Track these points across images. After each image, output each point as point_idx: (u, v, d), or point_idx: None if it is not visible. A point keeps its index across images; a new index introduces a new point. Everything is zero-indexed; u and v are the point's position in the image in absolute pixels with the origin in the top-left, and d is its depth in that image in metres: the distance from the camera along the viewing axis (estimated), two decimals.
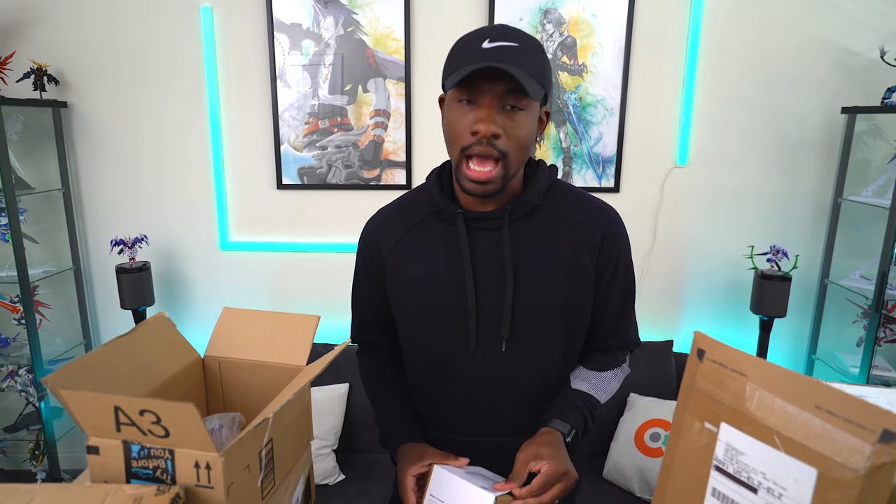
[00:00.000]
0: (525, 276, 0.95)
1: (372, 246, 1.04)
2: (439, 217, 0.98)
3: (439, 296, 0.97)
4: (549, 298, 0.95)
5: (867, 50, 2.14)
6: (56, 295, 2.47)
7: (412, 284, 0.99)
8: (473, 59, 0.83)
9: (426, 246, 0.99)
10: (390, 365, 1.13)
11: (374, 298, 1.07)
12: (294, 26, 2.21)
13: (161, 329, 0.92)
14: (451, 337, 0.98)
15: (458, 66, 0.85)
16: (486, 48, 0.83)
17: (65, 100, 2.30)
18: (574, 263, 0.96)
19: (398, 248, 1.00)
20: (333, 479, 2.06)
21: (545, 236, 0.96)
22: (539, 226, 0.96)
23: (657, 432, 2.01)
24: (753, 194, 2.31)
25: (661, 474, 0.69)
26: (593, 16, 2.16)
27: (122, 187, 2.39)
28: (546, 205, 0.98)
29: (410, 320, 1.02)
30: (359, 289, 1.10)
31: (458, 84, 0.83)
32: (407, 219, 1.02)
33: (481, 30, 0.86)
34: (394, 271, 1.01)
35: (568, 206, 0.98)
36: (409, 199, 1.05)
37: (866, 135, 2.23)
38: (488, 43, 0.83)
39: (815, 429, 0.53)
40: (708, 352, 0.65)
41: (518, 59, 0.83)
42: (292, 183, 2.35)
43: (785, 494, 0.54)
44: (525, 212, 0.96)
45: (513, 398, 0.99)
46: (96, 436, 0.68)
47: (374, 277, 1.05)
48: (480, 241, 0.95)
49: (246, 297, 2.46)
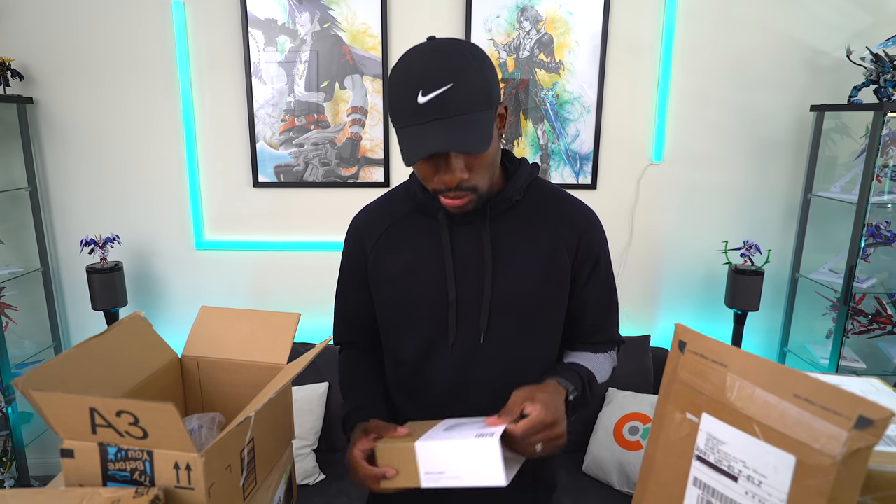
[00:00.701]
0: (504, 270, 0.96)
1: (356, 241, 1.05)
2: (422, 212, 1.00)
3: (420, 289, 0.98)
4: (526, 292, 0.97)
5: (834, 49, 2.20)
6: (23, 296, 2.39)
7: (394, 278, 1.00)
8: (415, 118, 0.82)
9: (408, 240, 1.00)
10: (367, 361, 1.13)
11: (357, 295, 1.08)
12: (269, 22, 2.18)
13: (137, 329, 0.90)
14: (432, 330, 0.99)
15: (401, 121, 0.84)
16: (423, 103, 0.81)
17: (30, 95, 2.23)
18: (551, 259, 0.98)
19: (380, 243, 1.02)
20: (314, 478, 2.04)
21: (524, 232, 0.98)
22: (518, 222, 0.98)
23: (636, 426, 2.03)
24: (727, 190, 2.36)
25: (644, 465, 0.69)
26: (570, 13, 2.18)
27: (92, 186, 2.33)
28: (526, 201, 1.00)
29: (392, 314, 1.03)
30: (344, 285, 1.11)
31: None
32: (390, 214, 1.03)
33: (410, 70, 0.83)
34: (376, 265, 1.02)
35: (548, 204, 1.01)
36: (393, 196, 1.07)
37: (834, 132, 2.29)
38: (422, 97, 0.81)
39: (794, 417, 0.54)
40: (689, 343, 0.66)
41: (456, 106, 0.81)
42: (269, 181, 2.32)
43: (764, 482, 0.56)
44: (505, 208, 0.98)
45: (489, 391, 1.00)
46: (71, 438, 0.66)
47: (359, 273, 1.05)
48: (461, 236, 0.97)
49: (223, 298, 2.42)
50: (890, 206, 2.17)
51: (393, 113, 0.86)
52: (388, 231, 1.02)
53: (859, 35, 2.18)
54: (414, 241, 1.00)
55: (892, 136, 2.11)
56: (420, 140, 0.82)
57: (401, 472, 0.86)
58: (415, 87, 0.82)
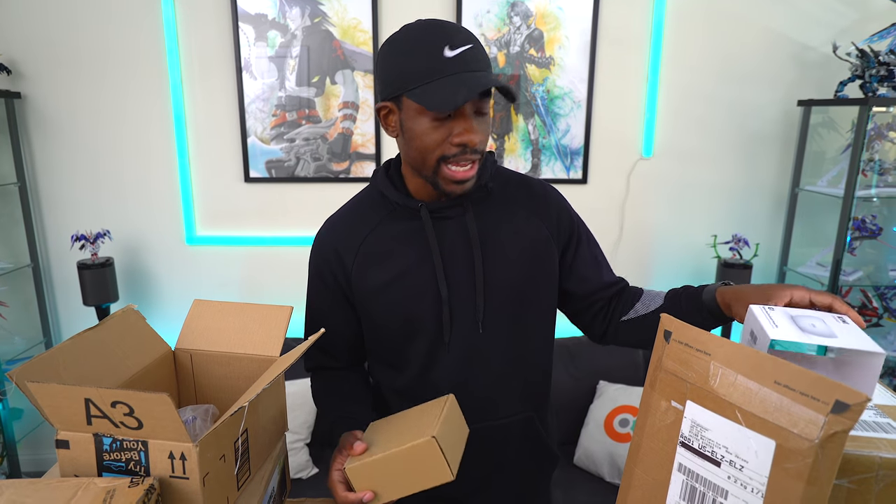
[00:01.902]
0: (492, 256, 0.97)
1: (330, 258, 0.99)
2: (398, 216, 0.98)
3: (412, 292, 0.96)
4: (518, 275, 0.98)
5: (821, 45, 2.23)
6: (13, 292, 2.38)
7: (382, 287, 0.97)
8: (444, 70, 0.82)
9: (392, 246, 0.97)
10: (346, 377, 1.08)
11: (336, 316, 1.02)
12: (259, 17, 2.17)
13: (130, 322, 0.91)
14: (428, 332, 0.98)
15: (425, 79, 0.83)
16: (451, 57, 0.82)
17: (18, 90, 2.21)
18: (535, 239, 1.00)
19: (361, 254, 0.98)
20: (307, 472, 2.05)
21: (503, 216, 0.99)
22: (495, 208, 1.00)
23: (626, 418, 2.06)
24: (716, 185, 2.38)
25: (630, 453, 0.71)
26: (560, 9, 2.18)
27: (82, 181, 2.32)
28: (496, 188, 1.01)
29: (385, 324, 1.00)
30: (316, 311, 1.04)
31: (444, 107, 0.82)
32: (364, 223, 0.99)
33: (434, 31, 0.84)
34: (361, 278, 0.98)
35: (513, 187, 1.03)
36: (359, 205, 1.03)
37: (821, 127, 2.32)
38: (450, 51, 0.82)
39: (774, 403, 0.56)
40: (674, 333, 0.68)
41: (478, 62, 0.84)
42: (260, 176, 2.31)
43: (746, 466, 0.57)
44: (482, 196, 0.99)
45: (488, 380, 1.00)
46: (66, 429, 0.67)
47: (336, 290, 1.01)
48: (445, 230, 0.97)
49: (214, 292, 2.41)
50: (875, 200, 2.21)
51: (409, 73, 0.84)
52: (366, 240, 0.98)
53: (845, 31, 2.21)
54: (397, 245, 0.97)
55: (877, 131, 2.14)
56: (459, 84, 0.81)
57: (382, 489, 0.81)
58: (441, 42, 0.83)
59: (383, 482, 0.80)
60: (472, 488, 1.04)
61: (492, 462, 1.04)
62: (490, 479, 1.05)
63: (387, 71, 0.88)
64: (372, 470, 0.80)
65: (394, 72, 0.87)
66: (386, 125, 0.92)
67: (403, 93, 0.86)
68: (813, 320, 0.71)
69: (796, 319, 0.71)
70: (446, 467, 0.76)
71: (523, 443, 1.06)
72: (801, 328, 0.69)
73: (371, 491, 0.80)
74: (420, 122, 0.86)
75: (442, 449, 0.75)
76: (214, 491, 0.69)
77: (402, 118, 0.89)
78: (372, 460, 0.79)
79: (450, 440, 0.80)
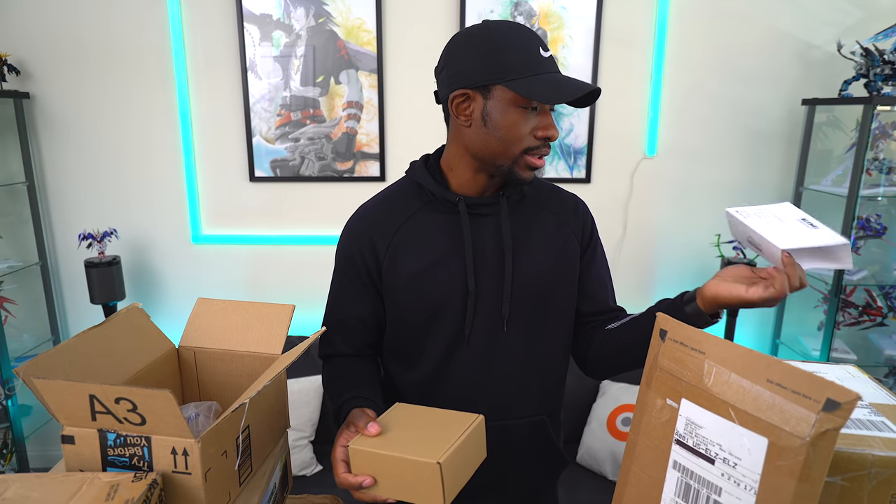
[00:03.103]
0: (522, 257, 0.99)
1: (363, 244, 1.00)
2: (434, 207, 1.00)
3: (441, 283, 0.97)
4: (543, 277, 1.00)
5: (825, 43, 2.22)
6: (22, 290, 2.41)
7: (413, 276, 0.98)
8: (542, 67, 0.89)
9: (425, 237, 0.98)
10: (359, 363, 1.08)
11: (362, 304, 1.03)
12: (264, 17, 2.19)
13: (135, 319, 0.92)
14: (449, 323, 0.98)
15: (524, 73, 0.88)
16: (546, 58, 0.90)
17: (26, 90, 2.24)
18: (563, 245, 1.03)
19: (395, 242, 0.99)
20: (311, 469, 2.07)
21: (535, 219, 1.02)
22: (528, 210, 1.03)
23: (628, 417, 2.06)
24: (720, 184, 2.37)
25: (626, 451, 0.72)
26: (563, 8, 2.19)
27: (89, 180, 2.34)
28: (529, 193, 1.05)
29: (410, 311, 1.00)
30: (340, 297, 1.05)
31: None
32: (399, 212, 1.00)
33: (524, 32, 0.91)
34: (392, 265, 0.99)
35: (543, 192, 1.07)
36: (395, 194, 1.04)
37: (825, 126, 2.31)
38: (544, 52, 0.90)
39: (767, 401, 0.56)
40: (670, 332, 0.69)
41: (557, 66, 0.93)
42: (265, 175, 2.33)
43: (739, 464, 0.58)
44: (517, 198, 1.02)
45: (504, 380, 1.01)
46: (71, 425, 0.69)
47: (365, 276, 1.01)
48: (479, 227, 0.99)
49: (220, 291, 2.43)
50: (880, 199, 2.20)
51: (508, 65, 0.88)
52: (401, 229, 0.99)
53: (850, 29, 2.20)
54: (431, 236, 0.98)
55: (881, 130, 2.13)
56: (558, 82, 0.89)
57: (379, 481, 0.79)
58: (535, 43, 0.90)
59: (380, 476, 0.79)
60: (480, 488, 1.04)
61: (500, 463, 1.04)
62: (498, 479, 1.05)
63: (475, 61, 0.90)
64: (373, 461, 0.78)
65: (488, 62, 0.89)
66: (457, 113, 0.93)
67: (500, 82, 0.88)
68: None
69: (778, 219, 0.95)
70: (440, 495, 0.74)
71: (533, 445, 1.07)
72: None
73: (371, 477, 0.79)
74: (510, 113, 0.90)
75: (443, 477, 0.73)
76: (216, 486, 0.71)
77: (488, 108, 0.91)
78: (375, 453, 0.78)
79: (457, 467, 0.78)
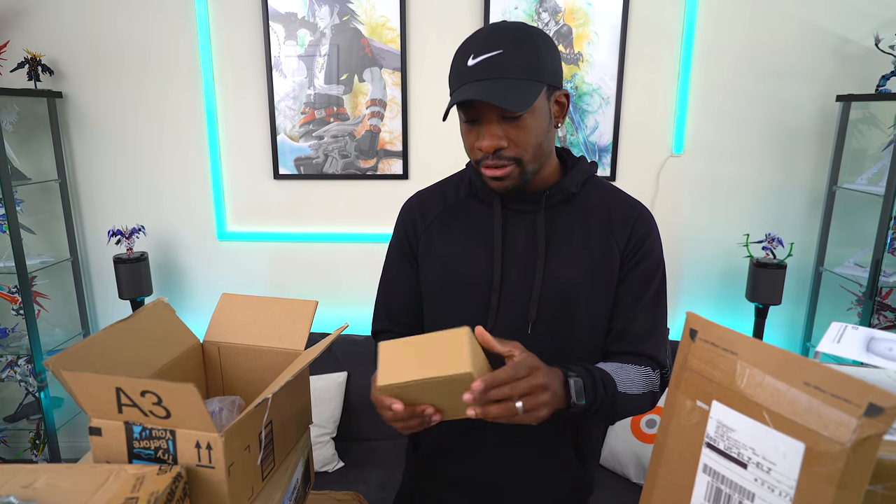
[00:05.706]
0: (555, 260, 0.96)
1: (409, 224, 1.07)
2: (476, 199, 1.02)
3: (467, 274, 0.98)
4: (576, 284, 0.96)
5: (862, 38, 2.15)
6: (54, 285, 2.47)
7: (443, 261, 1.01)
8: (461, 79, 0.86)
9: (460, 225, 1.02)
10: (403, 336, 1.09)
11: (403, 271, 1.08)
12: (289, 16, 2.20)
13: (160, 314, 0.93)
14: (473, 317, 0.95)
15: (452, 85, 0.89)
16: (471, 66, 0.84)
17: (59, 90, 2.29)
18: (603, 254, 0.96)
19: (432, 226, 1.04)
20: (332, 466, 2.08)
21: (577, 225, 0.98)
22: (573, 214, 0.98)
23: (653, 419, 2.03)
24: (749, 183, 2.32)
25: (654, 453, 0.70)
26: (589, 4, 2.16)
27: (118, 178, 2.39)
28: (582, 196, 1.00)
29: (436, 297, 1.03)
30: (390, 268, 1.11)
31: (454, 107, 0.86)
32: (443, 199, 1.05)
33: (471, 39, 0.87)
34: (427, 248, 1.04)
35: (602, 200, 1.00)
36: (446, 183, 1.09)
37: (861, 123, 2.24)
38: (472, 59, 0.84)
39: (803, 404, 0.54)
40: (700, 332, 0.66)
41: (501, 69, 0.83)
42: (289, 173, 2.35)
43: (774, 469, 0.56)
44: (561, 199, 0.98)
45: None
46: (98, 417, 0.69)
47: (409, 250, 1.07)
48: (515, 223, 0.98)
49: (243, 287, 2.46)
50: None
51: (451, 77, 0.90)
52: (441, 216, 1.04)
53: (888, 23, 2.12)
54: (466, 225, 1.01)
55: None
56: (457, 96, 0.85)
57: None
58: (468, 52, 0.86)
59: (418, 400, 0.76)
60: None
61: (514, 486, 1.02)
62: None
63: None
64: (405, 390, 0.74)
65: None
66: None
67: None
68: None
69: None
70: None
71: (550, 468, 1.03)
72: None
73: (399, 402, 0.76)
74: (461, 125, 0.93)
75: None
76: (239, 480, 0.71)
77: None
78: (405, 382, 0.73)
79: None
